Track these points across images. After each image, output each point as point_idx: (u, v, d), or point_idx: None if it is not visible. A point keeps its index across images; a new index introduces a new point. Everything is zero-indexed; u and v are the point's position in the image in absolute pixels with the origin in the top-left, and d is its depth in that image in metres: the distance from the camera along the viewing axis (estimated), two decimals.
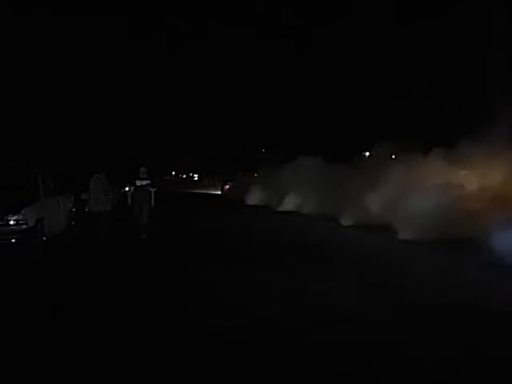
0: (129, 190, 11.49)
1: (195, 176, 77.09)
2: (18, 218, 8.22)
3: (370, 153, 25.06)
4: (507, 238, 8.96)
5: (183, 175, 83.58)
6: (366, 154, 25.83)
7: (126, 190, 11.60)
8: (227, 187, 34.08)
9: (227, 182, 34.55)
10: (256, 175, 29.33)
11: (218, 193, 37.08)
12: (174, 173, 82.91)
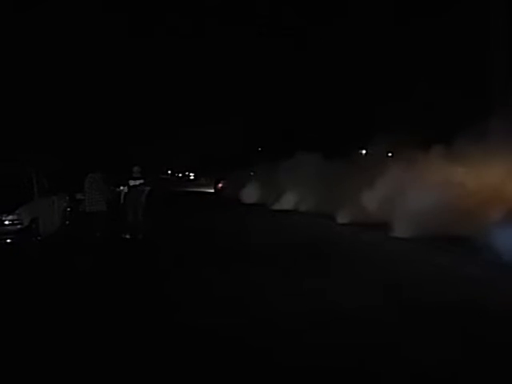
0: (123, 189, 11.22)
1: (191, 175, 77.02)
2: (13, 217, 8.18)
3: (366, 150, 25.08)
4: (505, 236, 9.00)
5: (179, 174, 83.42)
6: (363, 151, 25.85)
7: (121, 189, 11.35)
8: (220, 185, 34.62)
9: (220, 181, 35.02)
10: (252, 173, 29.26)
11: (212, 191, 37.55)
12: (170, 172, 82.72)
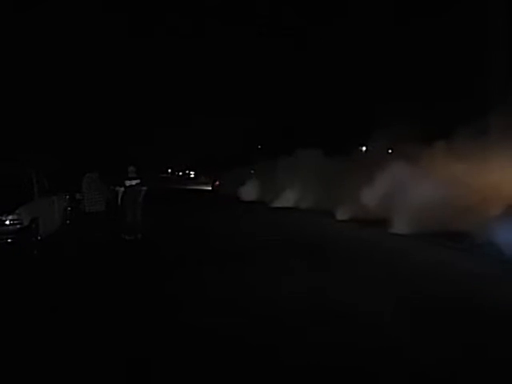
0: (119, 190, 10.77)
1: (191, 173, 77.01)
2: (13, 217, 8.17)
3: (366, 147, 25.03)
4: (506, 232, 9.02)
5: (179, 173, 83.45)
6: (363, 148, 25.82)
7: (118, 189, 10.90)
8: (217, 183, 36.42)
9: (217, 179, 36.73)
10: (252, 171, 29.28)
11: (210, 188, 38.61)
12: (170, 170, 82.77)
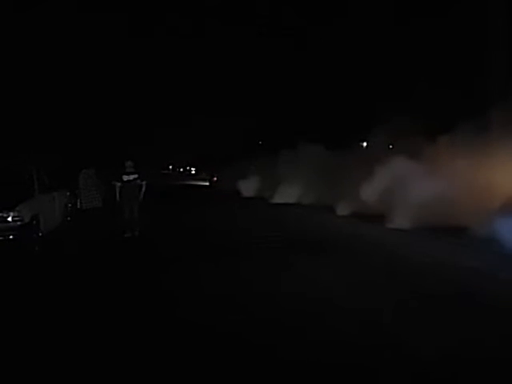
0: (116, 185, 10.56)
1: (192, 169, 76.88)
2: (14, 214, 8.20)
3: (367, 143, 24.99)
4: (506, 227, 9.06)
5: (180, 169, 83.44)
6: (364, 144, 25.79)
7: (115, 184, 10.56)
8: (214, 179, 38.01)
9: (214, 174, 38.34)
10: (253, 167, 29.24)
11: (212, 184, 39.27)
12: (171, 167, 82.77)
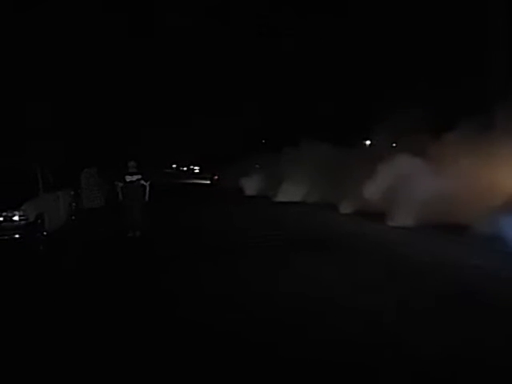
0: (118, 185, 10.47)
1: (196, 168, 76.87)
2: (19, 213, 8.23)
3: (370, 141, 24.93)
4: (509, 225, 9.06)
5: (184, 168, 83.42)
6: (367, 142, 25.75)
7: (117, 184, 10.54)
8: (216, 177, 38.87)
9: (215, 173, 39.20)
10: (257, 166, 29.26)
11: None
12: (174, 166, 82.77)
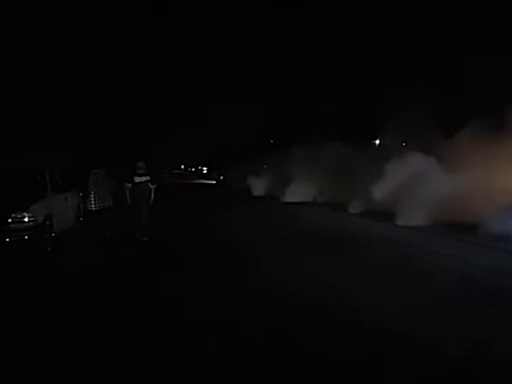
0: (127, 186, 10.30)
1: (204, 169, 77.00)
2: (27, 214, 8.27)
3: (380, 141, 24.85)
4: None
5: (192, 168, 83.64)
6: (377, 141, 25.67)
7: (126, 185, 10.35)
8: (221, 178, 40.70)
9: (221, 173, 41.15)
10: (265, 166, 29.25)
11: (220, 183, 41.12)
12: (183, 166, 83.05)
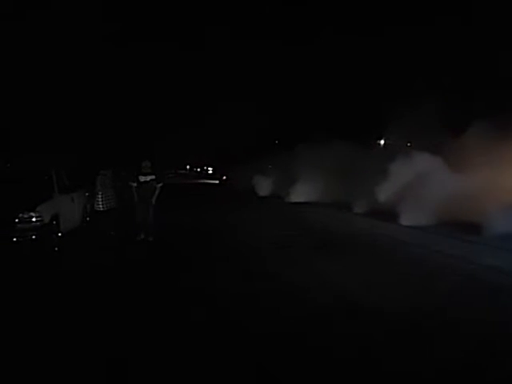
0: (132, 185, 10.36)
1: (209, 169, 77.06)
2: (34, 215, 8.32)
3: (385, 141, 24.79)
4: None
5: (197, 169, 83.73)
6: (381, 142, 25.61)
7: (131, 184, 10.45)
8: (224, 178, 41.19)
9: (224, 173, 41.70)
10: (270, 167, 29.26)
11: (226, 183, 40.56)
12: (188, 166, 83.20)
